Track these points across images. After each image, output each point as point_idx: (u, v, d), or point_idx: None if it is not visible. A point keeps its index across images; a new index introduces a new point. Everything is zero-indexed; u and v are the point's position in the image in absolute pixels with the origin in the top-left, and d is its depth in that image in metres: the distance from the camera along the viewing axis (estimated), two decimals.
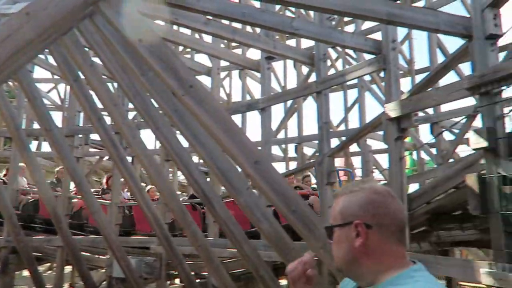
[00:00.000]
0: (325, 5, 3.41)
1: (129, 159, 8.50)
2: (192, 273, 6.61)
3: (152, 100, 4.64)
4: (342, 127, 11.65)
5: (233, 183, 3.75)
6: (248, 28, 7.87)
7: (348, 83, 10.64)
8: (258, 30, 7.48)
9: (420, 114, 8.82)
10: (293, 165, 11.77)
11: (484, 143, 3.58)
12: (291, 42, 10.95)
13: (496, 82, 3.56)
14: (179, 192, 11.77)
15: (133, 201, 7.88)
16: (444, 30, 3.85)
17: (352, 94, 11.26)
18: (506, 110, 3.85)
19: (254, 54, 10.33)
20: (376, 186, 1.16)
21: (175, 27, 7.08)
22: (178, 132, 4.73)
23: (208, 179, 6.77)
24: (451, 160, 7.56)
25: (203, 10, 3.94)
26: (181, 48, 10.79)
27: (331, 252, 1.19)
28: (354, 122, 10.85)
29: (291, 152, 11.81)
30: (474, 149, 3.76)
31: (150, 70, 3.58)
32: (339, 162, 8.87)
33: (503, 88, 3.66)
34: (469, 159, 4.22)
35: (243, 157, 3.11)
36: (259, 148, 7.25)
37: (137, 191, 5.82)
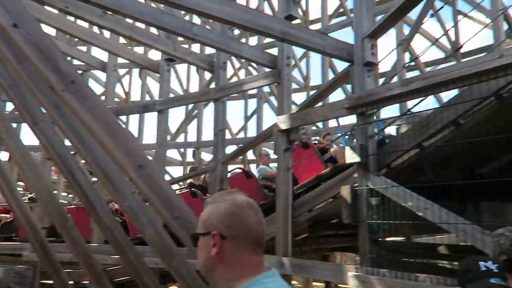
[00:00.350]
0: (222, 16, 3.48)
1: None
2: (71, 282, 6.11)
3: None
4: (241, 135, 11.96)
5: (117, 187, 3.57)
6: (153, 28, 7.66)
7: (250, 92, 10.99)
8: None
9: (313, 127, 9.46)
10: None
11: (357, 158, 3.97)
12: (196, 47, 10.93)
13: (370, 105, 3.99)
14: (64, 194, 10.87)
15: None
16: (330, 53, 4.20)
17: (253, 103, 11.64)
18: (377, 129, 4.34)
19: (157, 54, 10.06)
20: (237, 198, 1.21)
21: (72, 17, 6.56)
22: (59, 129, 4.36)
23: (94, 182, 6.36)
24: None
25: (96, 2, 3.72)
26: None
27: None
28: (253, 131, 11.21)
29: (190, 157, 11.73)
30: (349, 163, 4.14)
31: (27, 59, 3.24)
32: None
33: (375, 110, 4.11)
34: (346, 172, 4.63)
35: (127, 160, 2.98)
36: (154, 151, 7.06)
37: (8, 192, 5.20)
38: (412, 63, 7.43)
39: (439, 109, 3.64)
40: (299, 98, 10.81)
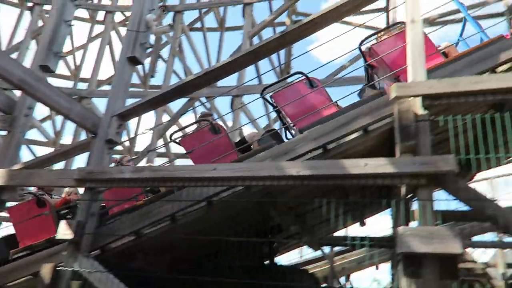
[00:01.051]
0: None
1: None
2: None
3: None
4: None
5: None
6: None
7: None
8: None
9: None
10: None
11: (69, 235, 3.68)
12: None
13: (100, 182, 3.89)
14: None
15: None
16: (74, 118, 4.02)
17: None
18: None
19: None
20: None
21: None
22: None
23: None
24: None
25: None
26: None
27: None
28: None
29: None
30: (59, 239, 3.79)
31: None
32: None
33: (102, 189, 4.03)
34: (56, 247, 4.19)
35: None
36: None
37: None
38: (163, 150, 7.93)
39: (160, 201, 3.88)
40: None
